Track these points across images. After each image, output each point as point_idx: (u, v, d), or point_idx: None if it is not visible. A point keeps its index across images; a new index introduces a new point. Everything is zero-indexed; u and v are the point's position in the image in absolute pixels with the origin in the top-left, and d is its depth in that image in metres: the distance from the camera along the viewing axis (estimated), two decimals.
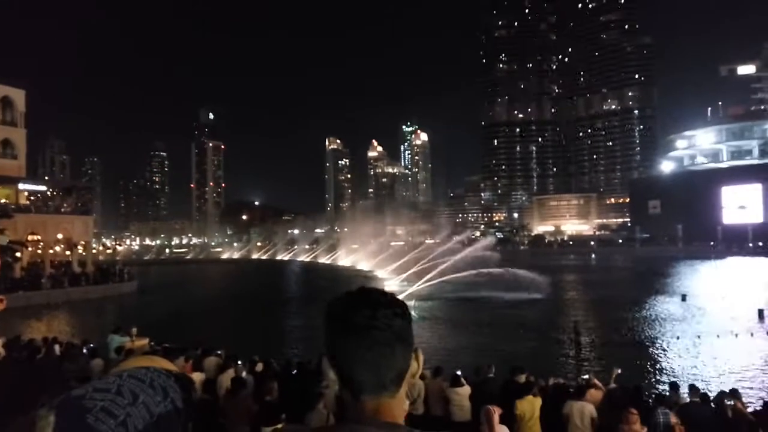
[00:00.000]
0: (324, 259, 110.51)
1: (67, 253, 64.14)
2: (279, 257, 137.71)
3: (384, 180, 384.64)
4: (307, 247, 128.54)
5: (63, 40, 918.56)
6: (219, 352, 15.93)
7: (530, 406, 10.42)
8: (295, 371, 14.14)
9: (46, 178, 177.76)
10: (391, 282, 57.77)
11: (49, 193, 66.77)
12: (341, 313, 1.31)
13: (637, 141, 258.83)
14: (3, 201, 57.16)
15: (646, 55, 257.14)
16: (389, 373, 1.28)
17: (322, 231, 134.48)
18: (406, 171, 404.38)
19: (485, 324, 31.82)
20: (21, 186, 60.39)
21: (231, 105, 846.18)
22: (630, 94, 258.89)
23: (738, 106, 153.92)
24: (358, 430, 1.22)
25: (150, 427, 1.11)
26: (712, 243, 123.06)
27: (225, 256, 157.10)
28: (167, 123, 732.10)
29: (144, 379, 1.16)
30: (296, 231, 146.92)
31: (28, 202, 60.87)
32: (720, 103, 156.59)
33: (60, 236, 60.72)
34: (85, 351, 16.85)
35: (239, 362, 14.40)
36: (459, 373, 12.35)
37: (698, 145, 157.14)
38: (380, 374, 1.27)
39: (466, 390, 11.74)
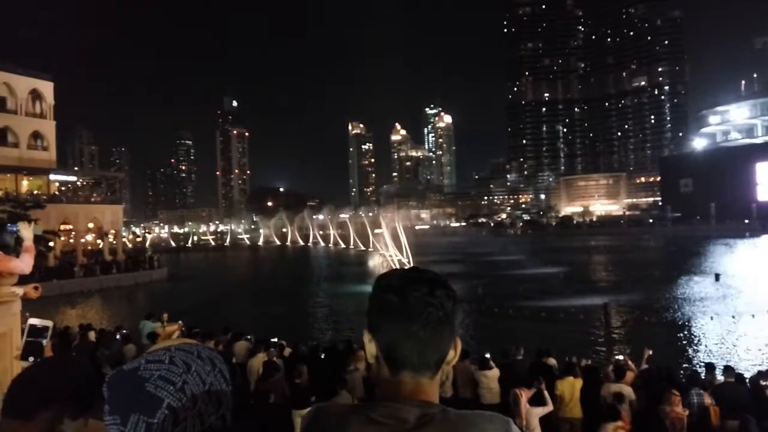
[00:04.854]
0: (348, 245, 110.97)
1: (98, 241, 65.52)
2: (303, 243, 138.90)
3: (408, 164, 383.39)
4: (331, 232, 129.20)
5: (89, 31, 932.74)
6: (249, 336, 16.09)
7: (570, 387, 10.29)
8: (323, 355, 14.22)
9: (76, 168, 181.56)
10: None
11: (79, 183, 68.13)
12: (397, 287, 1.28)
13: (668, 118, 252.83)
14: (35, 192, 58.55)
15: (675, 29, 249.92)
16: (434, 354, 1.28)
17: (347, 216, 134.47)
18: (430, 154, 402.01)
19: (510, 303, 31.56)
20: (52, 177, 61.76)
21: (254, 92, 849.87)
22: (660, 69, 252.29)
23: None
24: (395, 408, 1.21)
25: (204, 395, 1.15)
26: (746, 221, 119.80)
27: (250, 242, 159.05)
28: (192, 111, 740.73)
29: (192, 351, 1.20)
30: (321, 216, 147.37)
31: (59, 193, 62.24)
32: (755, 75, 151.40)
33: (91, 225, 62.06)
34: (118, 337, 17.21)
35: (270, 346, 14.50)
36: (488, 355, 12.24)
37: (732, 120, 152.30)
38: (426, 353, 1.27)
39: (494, 373, 11.64)
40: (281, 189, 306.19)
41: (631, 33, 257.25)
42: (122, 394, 1.12)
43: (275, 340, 15.56)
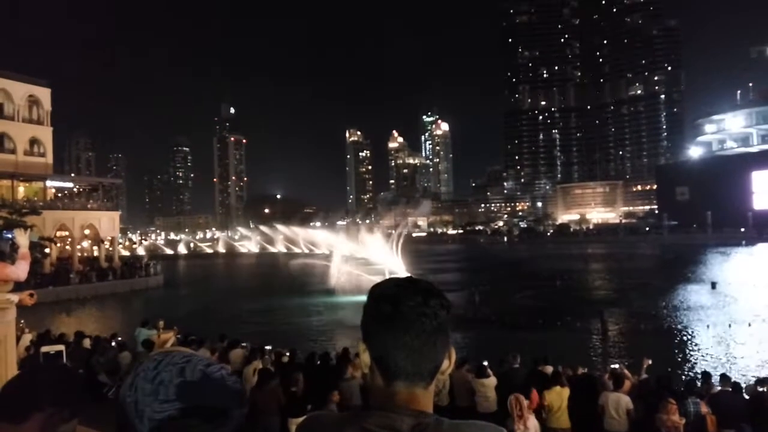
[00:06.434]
0: (344, 252, 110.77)
1: (95, 248, 65.30)
2: (299, 250, 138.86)
3: (405, 171, 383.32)
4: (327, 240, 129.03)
5: (85, 36, 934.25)
6: (244, 344, 16.05)
7: (558, 396, 10.25)
8: (318, 363, 14.17)
9: (73, 174, 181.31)
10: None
11: (76, 189, 67.96)
12: (391, 297, 1.28)
13: (664, 126, 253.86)
14: (31, 198, 58.40)
15: (672, 39, 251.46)
16: (428, 364, 1.27)
17: (344, 223, 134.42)
18: (427, 161, 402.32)
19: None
20: (48, 183, 61.58)
21: (252, 99, 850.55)
22: (656, 78, 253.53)
23: None
24: (389, 417, 1.22)
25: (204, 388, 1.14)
26: (742, 229, 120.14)
27: (244, 249, 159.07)
28: (189, 118, 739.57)
29: (186, 354, 1.20)
30: (318, 224, 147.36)
31: (55, 199, 62.08)
32: (750, 85, 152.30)
33: (87, 232, 61.89)
34: (113, 344, 17.14)
35: (265, 354, 14.46)
36: (485, 363, 12.20)
37: (727, 129, 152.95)
38: (420, 363, 1.26)
39: (492, 381, 11.59)
40: (278, 196, 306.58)
41: (628, 42, 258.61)
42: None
43: (270, 347, 15.53)
